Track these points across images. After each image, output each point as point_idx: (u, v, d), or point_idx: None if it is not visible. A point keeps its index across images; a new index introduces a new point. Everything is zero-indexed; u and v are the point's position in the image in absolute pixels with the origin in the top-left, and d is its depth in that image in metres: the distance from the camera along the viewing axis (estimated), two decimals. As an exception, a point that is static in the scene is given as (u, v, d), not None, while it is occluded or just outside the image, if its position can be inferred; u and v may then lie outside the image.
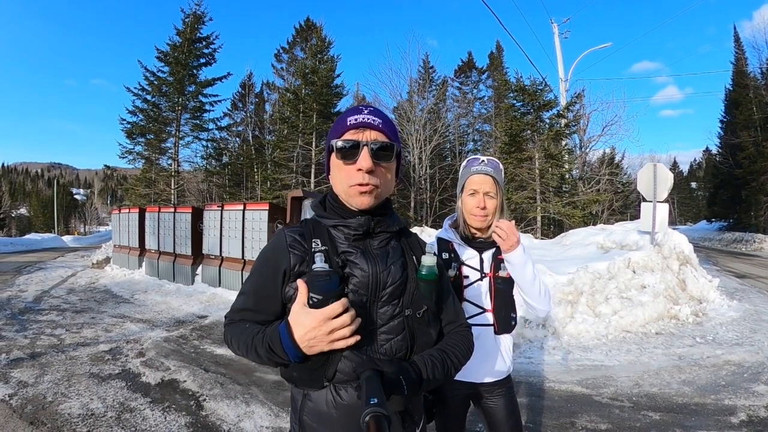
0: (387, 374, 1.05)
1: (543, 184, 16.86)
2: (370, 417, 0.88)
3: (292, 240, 1.23)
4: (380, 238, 1.27)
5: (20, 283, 12.13)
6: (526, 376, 4.93)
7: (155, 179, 23.96)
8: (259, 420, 3.90)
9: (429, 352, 1.22)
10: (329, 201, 1.30)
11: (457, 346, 1.28)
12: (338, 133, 1.23)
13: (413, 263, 1.28)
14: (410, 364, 1.14)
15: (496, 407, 1.97)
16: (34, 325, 7.24)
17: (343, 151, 1.20)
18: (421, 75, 27.84)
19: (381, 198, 1.25)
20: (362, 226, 1.22)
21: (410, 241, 1.35)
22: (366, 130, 1.20)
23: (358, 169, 1.18)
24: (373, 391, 0.95)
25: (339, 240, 1.23)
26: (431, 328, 1.25)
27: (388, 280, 1.20)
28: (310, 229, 1.25)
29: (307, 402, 1.21)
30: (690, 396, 4.32)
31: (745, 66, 28.25)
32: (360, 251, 1.22)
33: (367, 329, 1.16)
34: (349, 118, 1.22)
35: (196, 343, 6.38)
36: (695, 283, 7.73)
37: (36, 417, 3.89)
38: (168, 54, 23.84)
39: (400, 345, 1.21)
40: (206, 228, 11.64)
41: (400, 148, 1.29)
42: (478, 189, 1.95)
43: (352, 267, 1.19)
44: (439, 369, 1.18)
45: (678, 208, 59.05)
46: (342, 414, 1.16)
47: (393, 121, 1.29)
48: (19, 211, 73.63)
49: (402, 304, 1.22)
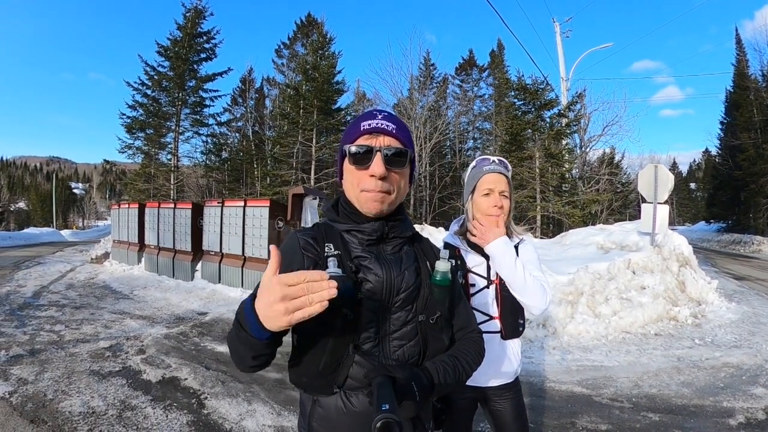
0: (399, 380, 1.04)
1: (543, 183, 16.90)
2: (382, 423, 0.87)
3: (305, 243, 1.21)
4: (394, 243, 1.26)
5: (19, 278, 12.08)
6: (527, 376, 4.94)
7: (155, 174, 24.00)
8: (261, 419, 3.90)
9: (440, 357, 1.22)
10: (342, 205, 1.29)
11: (469, 353, 1.27)
12: (351, 138, 1.21)
13: (426, 268, 1.27)
14: (422, 370, 1.13)
15: (504, 410, 1.97)
16: (34, 321, 7.21)
17: (356, 157, 1.18)
18: (422, 72, 27.91)
19: (394, 204, 1.24)
20: (376, 231, 1.22)
21: (423, 247, 1.34)
22: (380, 135, 1.19)
23: (370, 175, 1.17)
24: (385, 397, 0.94)
25: (352, 245, 1.23)
26: (444, 334, 1.24)
27: (402, 285, 1.19)
28: (322, 232, 1.24)
29: (316, 408, 1.20)
30: (689, 397, 4.34)
31: (746, 68, 28.20)
32: (374, 256, 1.21)
33: (380, 335, 1.16)
34: (362, 123, 1.20)
35: (197, 340, 6.37)
36: (694, 284, 7.76)
37: (36, 415, 3.87)
38: (168, 49, 23.88)
39: (413, 351, 1.20)
40: (206, 224, 11.63)
41: (413, 154, 1.28)
42: (493, 188, 1.91)
43: (365, 272, 1.18)
44: (450, 375, 1.17)
45: (677, 209, 59.09)
46: (352, 420, 1.15)
47: (407, 125, 1.27)
48: (18, 205, 73.44)
49: (415, 309, 1.21)
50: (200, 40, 24.74)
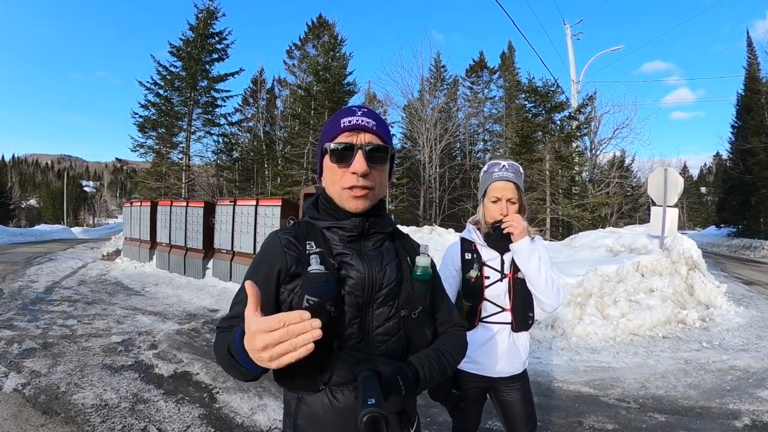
0: (384, 374, 1.06)
1: (553, 186, 16.88)
2: (368, 417, 0.89)
3: (286, 241, 1.20)
4: (375, 239, 1.26)
5: (31, 273, 12.21)
6: (535, 376, 4.97)
7: (166, 173, 24.17)
8: (272, 413, 3.96)
9: (425, 352, 1.23)
10: (322, 202, 1.27)
11: (452, 346, 1.29)
12: (331, 135, 1.20)
13: (407, 264, 1.28)
14: (407, 365, 1.15)
15: (513, 400, 2.05)
16: (46, 316, 7.31)
17: (337, 154, 1.17)
18: (433, 74, 27.87)
19: (375, 200, 1.24)
20: (357, 228, 1.21)
21: (404, 242, 1.35)
22: (360, 132, 1.18)
23: (352, 173, 1.16)
24: (371, 392, 0.96)
25: (333, 242, 1.22)
26: (426, 328, 1.25)
27: (383, 281, 1.20)
28: (303, 230, 1.24)
29: (301, 406, 1.20)
30: (695, 399, 4.36)
31: (758, 71, 27.88)
32: (355, 252, 1.21)
33: (363, 331, 1.17)
34: (342, 120, 1.19)
35: (209, 336, 6.45)
36: (703, 288, 7.74)
37: (49, 407, 3.92)
38: (181, 49, 24.09)
39: (396, 346, 1.20)
40: (218, 222, 11.72)
41: (393, 150, 1.29)
42: (500, 196, 1.98)
43: (347, 269, 1.18)
44: (435, 369, 1.19)
45: (687, 213, 58.59)
46: (338, 417, 1.15)
47: (386, 121, 1.29)
48: (29, 202, 74.40)
49: (397, 305, 1.22)
50: (212, 40, 24.89)
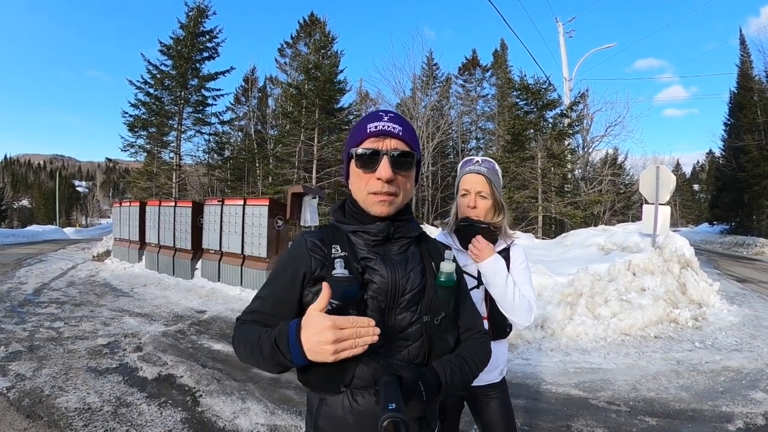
0: (405, 379, 1.04)
1: (545, 184, 16.84)
2: (389, 422, 0.87)
3: (312, 245, 1.23)
4: (400, 243, 1.27)
5: (20, 275, 12.13)
6: (523, 378, 4.91)
7: (157, 172, 23.99)
8: (255, 417, 3.89)
9: (447, 357, 1.22)
10: (348, 206, 1.29)
11: (475, 353, 1.27)
12: (358, 140, 1.21)
13: (432, 269, 1.28)
14: (429, 370, 1.14)
15: (491, 409, 1.99)
16: (33, 318, 7.25)
17: (362, 160, 1.19)
18: (425, 72, 27.91)
19: (400, 206, 1.24)
20: (382, 232, 1.22)
21: (429, 247, 1.35)
22: (386, 138, 1.18)
23: (377, 178, 1.17)
24: (392, 396, 0.95)
25: (359, 246, 1.24)
26: (448, 334, 1.25)
27: (407, 286, 1.20)
28: (329, 234, 1.26)
29: (323, 406, 1.21)
30: (687, 402, 4.30)
31: (750, 69, 28.19)
32: (380, 257, 1.22)
33: (385, 335, 1.14)
34: (369, 126, 1.20)
35: (194, 338, 6.37)
36: (695, 286, 7.70)
37: (33, 410, 3.90)
38: (171, 47, 23.88)
39: (418, 351, 1.20)
40: (206, 223, 11.64)
41: (420, 156, 1.28)
42: (470, 189, 1.97)
43: (371, 273, 1.19)
44: (457, 375, 1.18)
45: (680, 211, 58.89)
46: (358, 419, 1.16)
47: (412, 126, 1.27)
48: (21, 203, 73.92)
49: (420, 310, 1.22)
50: (203, 39, 24.70)
